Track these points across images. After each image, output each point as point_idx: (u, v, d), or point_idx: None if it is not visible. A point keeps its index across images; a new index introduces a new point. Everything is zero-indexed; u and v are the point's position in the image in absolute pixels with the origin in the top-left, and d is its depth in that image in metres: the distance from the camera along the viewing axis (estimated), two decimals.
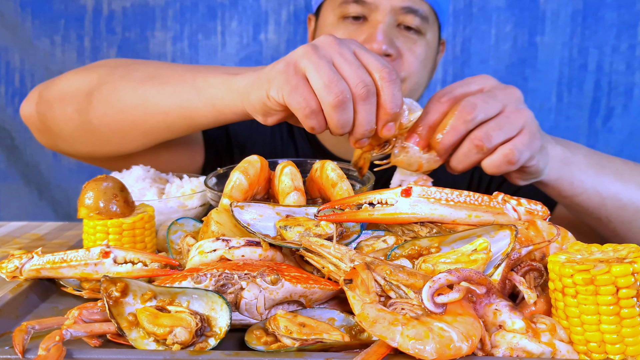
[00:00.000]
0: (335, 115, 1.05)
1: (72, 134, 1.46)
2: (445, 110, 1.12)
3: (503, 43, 2.56)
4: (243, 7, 2.63)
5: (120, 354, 0.80)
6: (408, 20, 1.57)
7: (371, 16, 1.56)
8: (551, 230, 0.95)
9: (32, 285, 1.01)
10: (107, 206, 1.09)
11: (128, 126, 1.38)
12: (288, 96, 1.06)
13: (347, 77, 1.05)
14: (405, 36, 1.59)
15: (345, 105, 1.04)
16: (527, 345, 0.78)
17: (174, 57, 2.65)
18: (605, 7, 2.51)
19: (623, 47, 2.53)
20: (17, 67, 2.67)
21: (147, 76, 1.38)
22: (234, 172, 1.08)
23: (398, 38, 1.57)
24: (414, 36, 1.59)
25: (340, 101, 1.03)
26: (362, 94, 1.04)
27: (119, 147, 1.45)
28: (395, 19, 1.56)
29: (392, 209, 0.96)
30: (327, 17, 1.66)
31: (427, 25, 1.61)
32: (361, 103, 1.05)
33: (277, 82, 1.07)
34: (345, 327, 0.87)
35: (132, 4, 2.62)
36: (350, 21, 1.60)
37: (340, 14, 1.61)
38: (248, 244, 0.94)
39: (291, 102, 1.06)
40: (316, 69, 1.04)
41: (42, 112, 1.49)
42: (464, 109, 1.09)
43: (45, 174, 2.74)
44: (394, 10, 1.55)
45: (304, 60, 1.06)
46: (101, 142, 1.45)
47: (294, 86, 1.05)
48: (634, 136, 2.59)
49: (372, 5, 1.55)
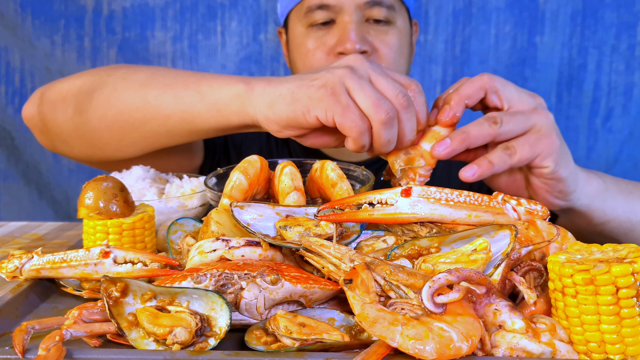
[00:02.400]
0: (385, 132, 1.08)
1: (71, 135, 1.46)
2: None
3: (503, 43, 2.56)
4: (243, 7, 2.63)
5: (120, 354, 0.80)
6: (375, 13, 1.58)
7: (338, 18, 1.57)
8: (551, 230, 0.95)
9: (32, 285, 1.01)
10: (107, 206, 1.09)
11: (127, 128, 1.36)
12: (341, 117, 1.07)
13: (386, 91, 1.09)
14: (376, 29, 1.60)
15: (393, 121, 1.09)
16: (527, 345, 0.78)
17: (173, 57, 2.65)
18: (605, 7, 2.51)
19: (622, 47, 2.53)
20: (17, 67, 2.67)
21: (149, 78, 1.35)
22: (233, 172, 1.08)
23: (369, 33, 1.59)
24: (384, 27, 1.61)
25: (390, 117, 1.08)
26: (403, 103, 1.09)
27: (117, 151, 1.43)
28: (362, 14, 1.58)
29: (392, 209, 0.97)
30: (295, 29, 1.68)
31: (395, 13, 1.62)
32: (403, 112, 1.10)
33: (326, 102, 1.08)
34: (345, 327, 0.87)
35: (132, 4, 2.62)
36: (318, 27, 1.62)
37: (307, 22, 1.63)
38: (248, 244, 0.94)
39: (345, 122, 1.08)
40: (361, 89, 1.08)
41: (43, 113, 1.48)
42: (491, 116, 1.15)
43: (45, 174, 2.74)
44: (358, 7, 1.56)
45: (348, 81, 1.08)
46: (99, 145, 1.43)
47: (345, 106, 1.07)
48: (634, 136, 2.59)
49: (337, 7, 1.56)
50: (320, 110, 1.09)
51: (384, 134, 1.09)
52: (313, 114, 1.09)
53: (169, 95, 1.30)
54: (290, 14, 1.70)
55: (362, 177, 1.24)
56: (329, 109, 1.08)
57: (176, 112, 1.29)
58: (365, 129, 1.09)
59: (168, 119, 1.31)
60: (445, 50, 2.60)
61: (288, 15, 1.72)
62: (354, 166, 1.26)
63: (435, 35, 2.59)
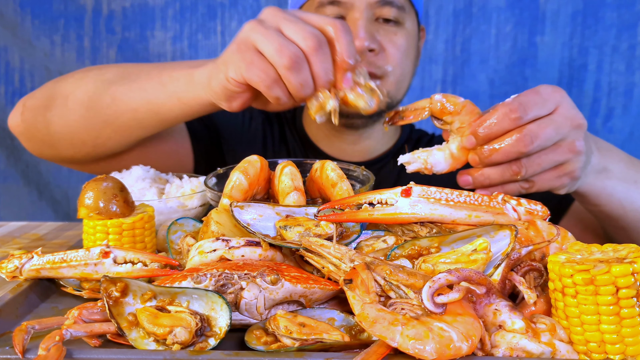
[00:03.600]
0: (292, 77, 1.06)
1: (53, 138, 1.51)
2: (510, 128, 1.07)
3: (503, 43, 2.56)
4: (243, 7, 2.63)
5: (120, 354, 0.80)
6: (385, 12, 1.58)
7: (349, 15, 1.57)
8: (551, 230, 0.95)
9: (32, 285, 1.01)
10: (107, 206, 1.09)
11: (101, 124, 1.42)
12: (246, 72, 1.08)
13: (294, 36, 1.06)
14: (385, 29, 1.60)
15: (300, 65, 1.06)
16: (527, 345, 0.78)
17: (173, 57, 2.65)
18: (605, 7, 2.51)
19: (623, 47, 2.53)
20: (17, 67, 2.67)
21: (117, 76, 1.42)
22: (233, 172, 1.08)
23: (378, 32, 1.58)
24: (393, 28, 1.60)
25: (293, 61, 1.05)
26: (312, 46, 1.06)
27: (96, 148, 1.48)
28: (373, 13, 1.57)
29: (392, 209, 0.96)
30: None
31: (405, 14, 1.62)
32: (313, 55, 1.06)
33: (233, 62, 1.09)
34: (345, 327, 0.87)
35: (131, 4, 2.62)
36: None
37: None
38: (248, 244, 0.94)
39: (251, 77, 1.08)
40: (265, 38, 1.06)
41: (26, 120, 1.54)
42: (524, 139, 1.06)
43: (45, 174, 2.74)
44: (370, 5, 1.56)
45: (253, 34, 1.08)
46: (79, 143, 1.49)
47: (249, 61, 1.07)
48: (634, 136, 2.59)
49: (348, 4, 1.56)
50: (232, 71, 1.10)
51: (292, 79, 1.06)
52: (230, 76, 1.11)
53: (135, 89, 1.37)
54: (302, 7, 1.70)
55: (362, 177, 1.24)
56: (237, 67, 1.09)
57: (142, 104, 1.36)
58: (273, 79, 1.07)
59: (136, 112, 1.38)
60: (445, 50, 2.60)
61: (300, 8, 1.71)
62: (354, 166, 1.26)
63: (436, 35, 2.59)
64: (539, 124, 1.07)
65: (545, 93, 1.09)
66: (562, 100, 1.10)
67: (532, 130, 1.06)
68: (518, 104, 1.07)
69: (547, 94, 1.09)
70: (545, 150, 1.09)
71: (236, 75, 1.10)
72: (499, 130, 1.07)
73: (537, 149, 1.07)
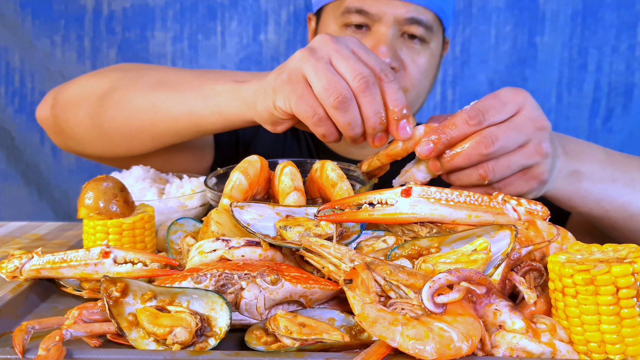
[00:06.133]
0: (340, 116, 1.04)
1: (84, 137, 1.50)
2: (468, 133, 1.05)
3: (503, 43, 2.56)
4: (243, 8, 2.63)
5: (120, 354, 0.80)
6: (412, 29, 1.55)
7: (374, 27, 1.54)
8: (551, 230, 0.95)
9: (32, 285, 1.01)
10: (107, 206, 1.09)
11: (137, 130, 1.40)
12: (295, 106, 1.06)
13: (344, 72, 1.04)
14: (409, 47, 1.57)
15: (347, 104, 1.03)
16: (527, 345, 0.78)
17: (173, 58, 2.65)
18: (605, 8, 2.51)
19: (623, 47, 2.53)
20: (17, 67, 2.67)
21: (157, 82, 1.39)
22: (233, 172, 1.08)
23: (402, 49, 1.56)
24: (417, 46, 1.58)
25: (340, 101, 1.03)
26: (360, 87, 1.03)
27: (128, 150, 1.47)
28: (399, 29, 1.55)
29: (392, 209, 0.96)
30: (328, 24, 1.65)
31: (432, 35, 1.59)
32: (361, 95, 1.04)
33: (284, 92, 1.07)
34: (345, 327, 0.87)
35: (132, 4, 2.62)
36: (352, 30, 1.58)
37: (342, 22, 1.60)
38: (248, 244, 0.94)
39: (299, 111, 1.06)
40: (315, 72, 1.04)
41: (56, 115, 1.52)
42: (484, 140, 1.04)
43: (45, 174, 2.74)
44: (397, 21, 1.53)
45: (304, 65, 1.06)
46: (111, 145, 1.48)
47: (300, 95, 1.05)
48: (634, 136, 2.59)
49: (376, 17, 1.53)
50: (280, 101, 1.09)
51: (339, 118, 1.04)
52: (278, 105, 1.10)
53: (176, 98, 1.34)
54: (326, 6, 1.67)
55: (362, 177, 1.24)
56: (286, 98, 1.07)
57: (183, 114, 1.33)
58: (320, 117, 1.06)
59: (176, 121, 1.35)
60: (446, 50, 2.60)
61: (324, 6, 1.68)
62: (354, 166, 1.26)
63: None
64: (500, 126, 1.05)
65: (504, 96, 1.07)
66: (525, 102, 1.08)
67: (492, 132, 1.04)
68: (477, 109, 1.05)
69: (507, 97, 1.07)
70: (510, 153, 1.06)
71: (285, 106, 1.08)
72: (459, 136, 1.05)
73: (500, 151, 1.05)
